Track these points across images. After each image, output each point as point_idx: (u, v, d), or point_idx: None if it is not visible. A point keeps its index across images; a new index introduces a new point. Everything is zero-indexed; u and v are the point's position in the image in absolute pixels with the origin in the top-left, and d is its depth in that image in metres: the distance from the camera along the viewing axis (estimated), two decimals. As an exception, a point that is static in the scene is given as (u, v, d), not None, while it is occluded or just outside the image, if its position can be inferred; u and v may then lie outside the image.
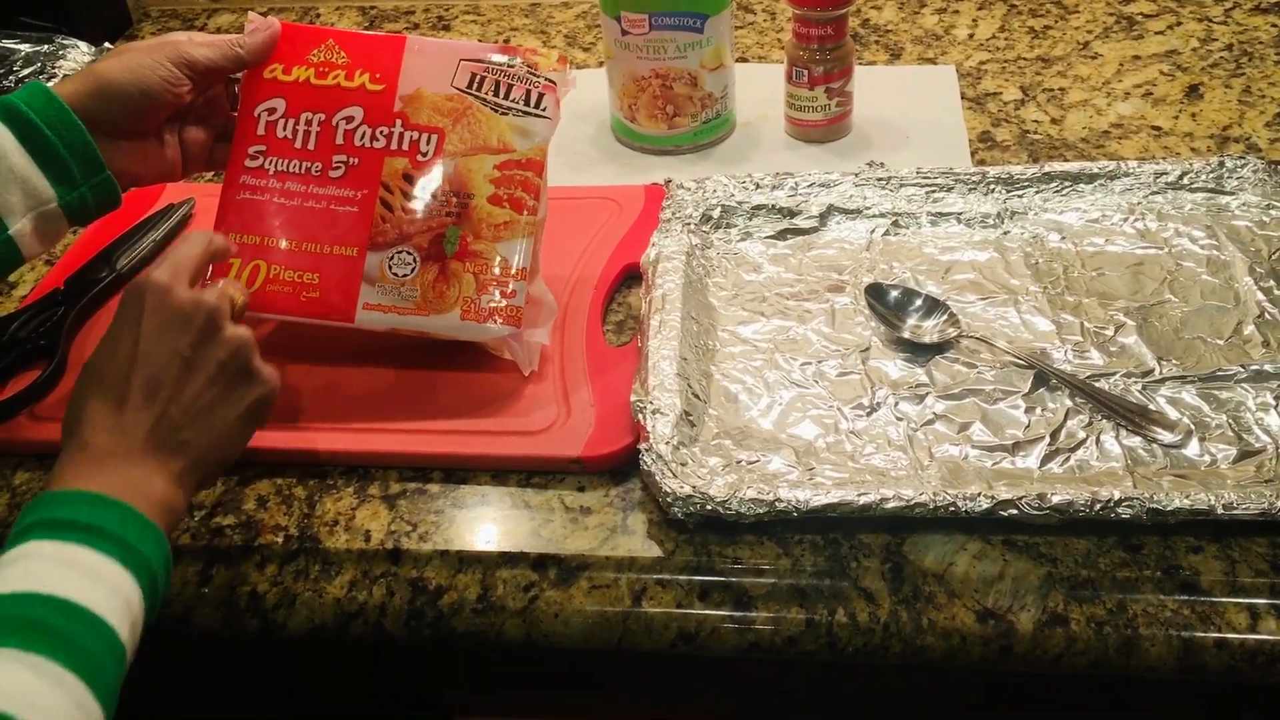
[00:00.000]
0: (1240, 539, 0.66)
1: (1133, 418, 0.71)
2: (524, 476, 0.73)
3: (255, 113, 0.76)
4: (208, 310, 0.63)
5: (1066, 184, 0.88)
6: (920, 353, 0.78)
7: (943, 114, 1.02)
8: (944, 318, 0.79)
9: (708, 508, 0.66)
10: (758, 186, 0.89)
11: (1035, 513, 0.65)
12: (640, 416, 0.71)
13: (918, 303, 0.80)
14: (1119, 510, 0.65)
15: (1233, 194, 0.86)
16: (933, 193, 0.88)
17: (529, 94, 0.76)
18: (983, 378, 0.75)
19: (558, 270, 0.83)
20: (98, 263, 0.88)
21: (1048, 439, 0.71)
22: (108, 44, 1.17)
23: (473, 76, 0.76)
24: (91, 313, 0.86)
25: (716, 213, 0.88)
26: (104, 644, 0.53)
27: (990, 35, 1.12)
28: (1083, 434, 0.71)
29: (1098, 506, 0.65)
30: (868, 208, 0.88)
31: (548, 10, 1.23)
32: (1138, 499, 0.65)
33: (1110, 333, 0.78)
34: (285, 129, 0.75)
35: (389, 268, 0.74)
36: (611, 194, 0.93)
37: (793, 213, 0.88)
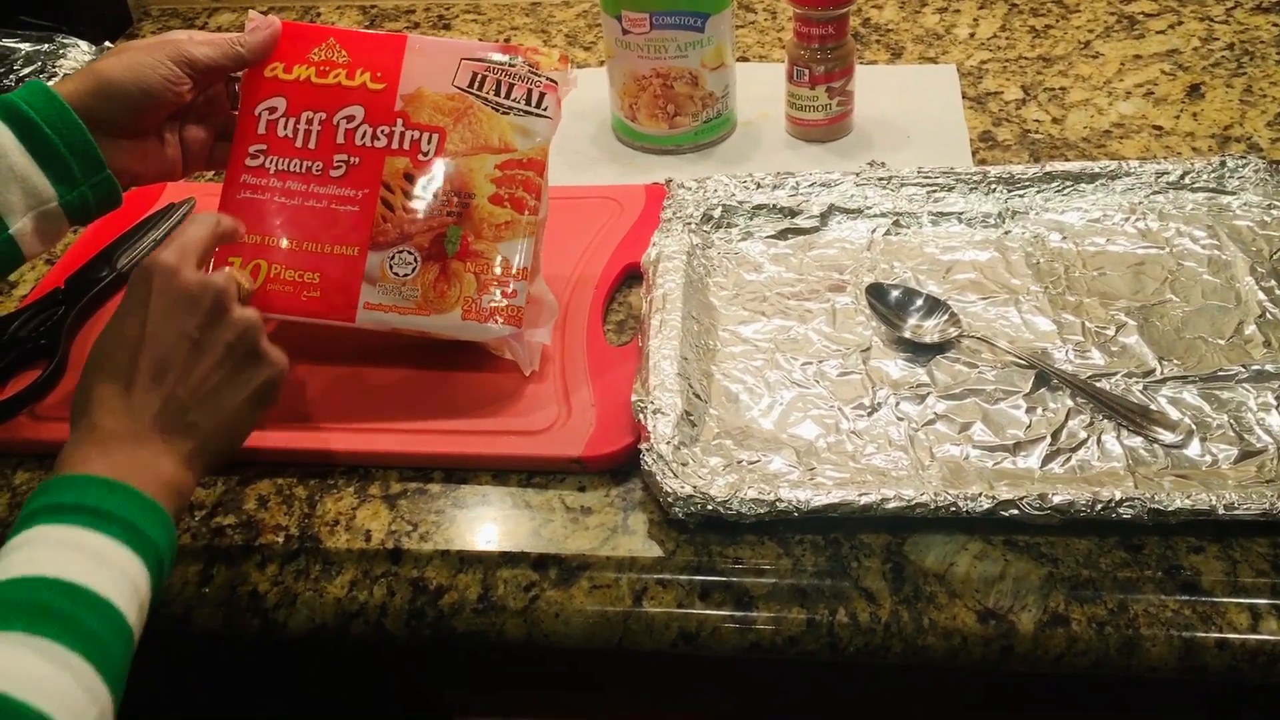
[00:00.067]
0: (1241, 539, 0.66)
1: (1134, 418, 0.71)
2: (525, 476, 0.73)
3: (256, 111, 0.75)
4: (215, 292, 0.63)
5: (1068, 184, 0.88)
6: (921, 352, 0.77)
7: (944, 113, 1.02)
8: (945, 317, 0.79)
9: (708, 508, 0.66)
10: (759, 186, 0.89)
11: (1036, 513, 0.65)
12: (641, 416, 0.71)
13: (919, 302, 0.80)
14: (1120, 510, 0.65)
15: (1234, 194, 0.86)
16: (934, 192, 0.88)
17: (530, 93, 0.75)
18: (984, 378, 0.75)
19: (558, 270, 0.83)
20: (98, 262, 0.88)
21: (1049, 439, 0.71)
22: (108, 43, 1.17)
23: (474, 76, 0.76)
24: (92, 312, 0.85)
25: (717, 212, 0.88)
26: (111, 627, 0.53)
27: (991, 34, 1.12)
28: (1084, 434, 0.71)
29: (1099, 507, 0.65)
30: (869, 207, 0.88)
31: (548, 9, 1.22)
32: (1139, 499, 0.65)
33: (1111, 333, 0.78)
34: (286, 128, 0.75)
35: (390, 267, 0.74)
36: (612, 193, 0.93)
37: (794, 212, 0.88)
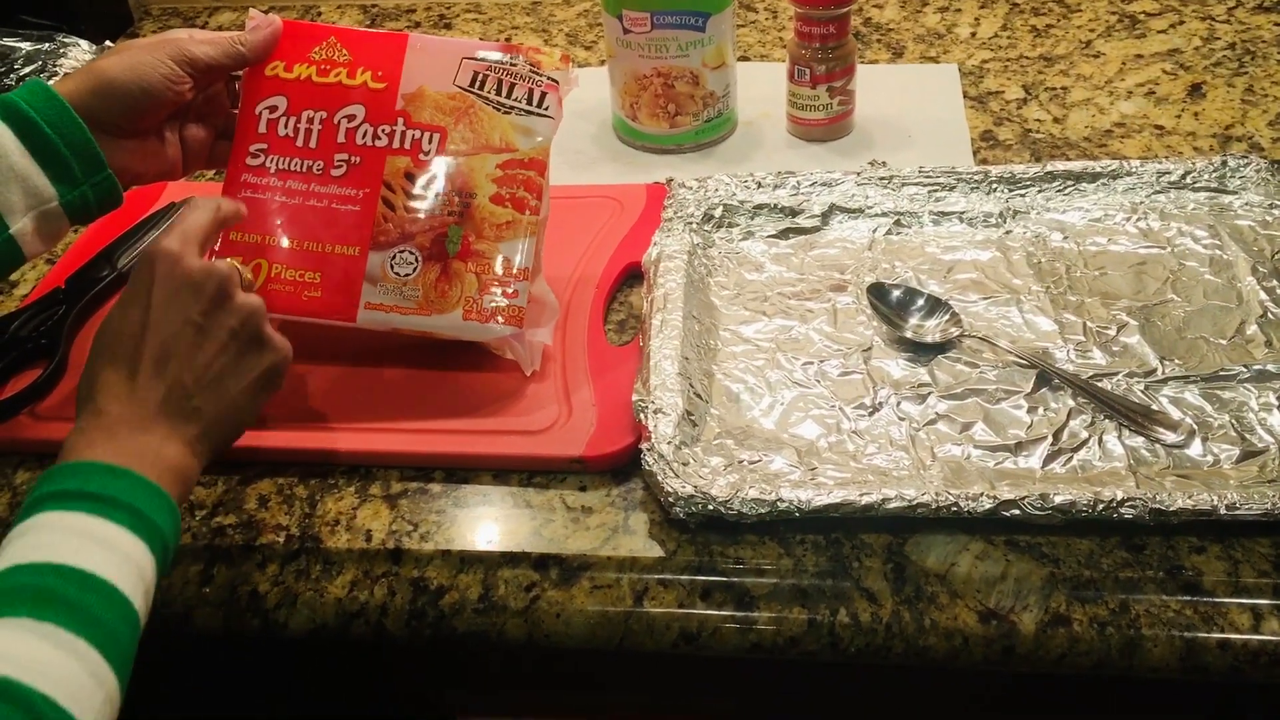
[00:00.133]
0: (1243, 539, 0.66)
1: (1135, 418, 0.71)
2: (525, 476, 0.73)
3: (256, 111, 0.75)
4: (219, 278, 0.64)
5: (1069, 183, 0.87)
6: (922, 352, 0.77)
7: (945, 113, 1.02)
8: (946, 317, 0.79)
9: (709, 508, 0.66)
10: (760, 185, 0.89)
11: (1038, 513, 0.65)
12: (642, 416, 0.71)
13: (920, 302, 0.80)
14: (1121, 510, 0.64)
15: (1235, 193, 0.86)
16: (935, 192, 0.88)
17: (532, 93, 0.75)
18: (985, 377, 0.75)
19: (559, 269, 0.83)
20: (99, 261, 0.88)
21: (1050, 439, 0.71)
22: (109, 42, 1.17)
23: (475, 75, 0.76)
24: (93, 312, 0.85)
25: (718, 212, 0.88)
26: (117, 612, 0.53)
27: (992, 34, 1.12)
28: (1085, 434, 0.71)
29: (1100, 507, 0.65)
30: (870, 207, 0.88)
31: (549, 8, 1.22)
32: (1140, 499, 0.65)
33: (1113, 332, 0.78)
34: (286, 127, 0.75)
35: (391, 267, 0.74)
36: (613, 193, 0.93)
37: (795, 212, 0.88)
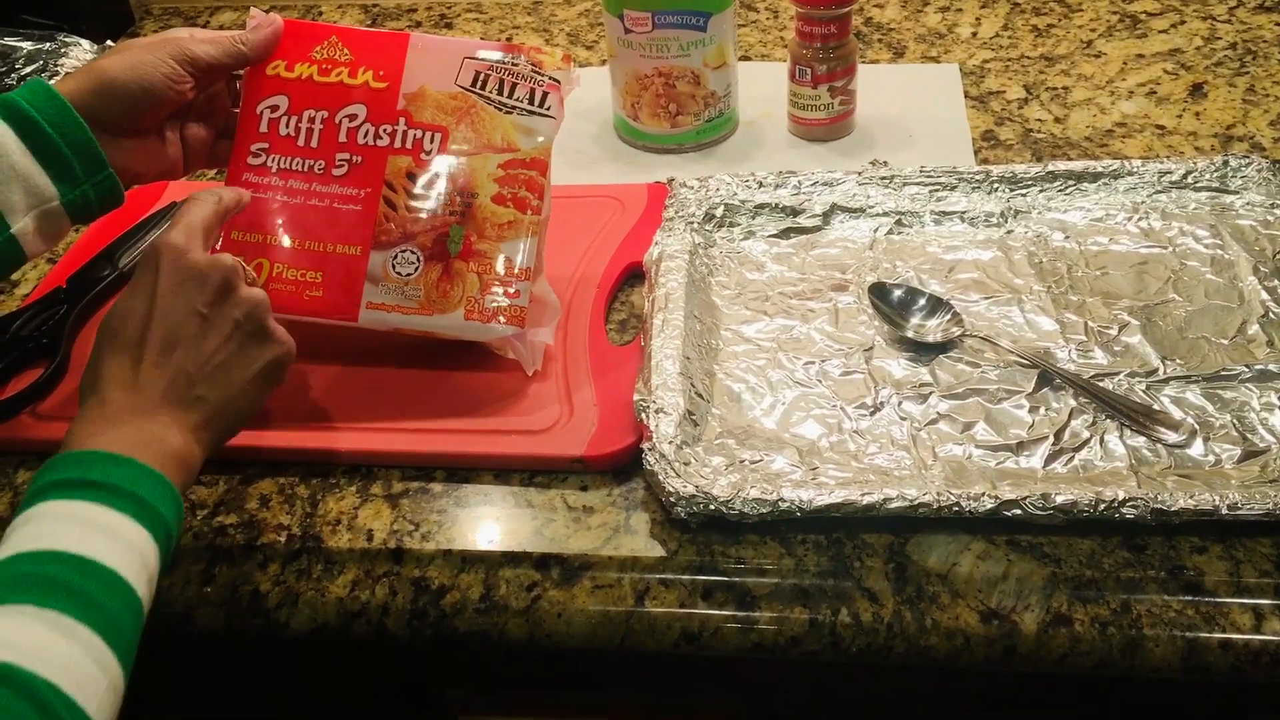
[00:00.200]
0: (1245, 539, 0.66)
1: (1137, 417, 0.71)
2: (527, 476, 0.73)
3: (258, 110, 0.75)
4: (224, 269, 0.64)
5: (1070, 183, 0.87)
6: (924, 352, 0.77)
7: (946, 113, 1.02)
8: (947, 317, 0.79)
9: (711, 507, 0.66)
10: (761, 185, 0.89)
11: (1039, 513, 0.65)
12: (643, 416, 0.71)
13: (921, 302, 0.80)
14: (1123, 510, 0.64)
15: (1237, 193, 0.86)
16: (936, 192, 0.88)
17: (533, 93, 0.75)
18: (986, 377, 0.75)
19: (560, 269, 0.83)
20: (100, 261, 0.88)
21: (1052, 439, 0.71)
22: (109, 41, 1.17)
23: (477, 75, 0.76)
24: (94, 311, 0.85)
25: (719, 211, 0.88)
26: (120, 599, 0.54)
27: (993, 34, 1.12)
28: (1087, 434, 0.71)
29: (1102, 507, 0.65)
30: (871, 206, 0.88)
31: (550, 8, 1.22)
32: (1142, 499, 0.65)
33: (1114, 332, 0.77)
34: (288, 126, 0.75)
35: (392, 267, 0.74)
36: (614, 192, 0.93)
37: (796, 211, 0.88)
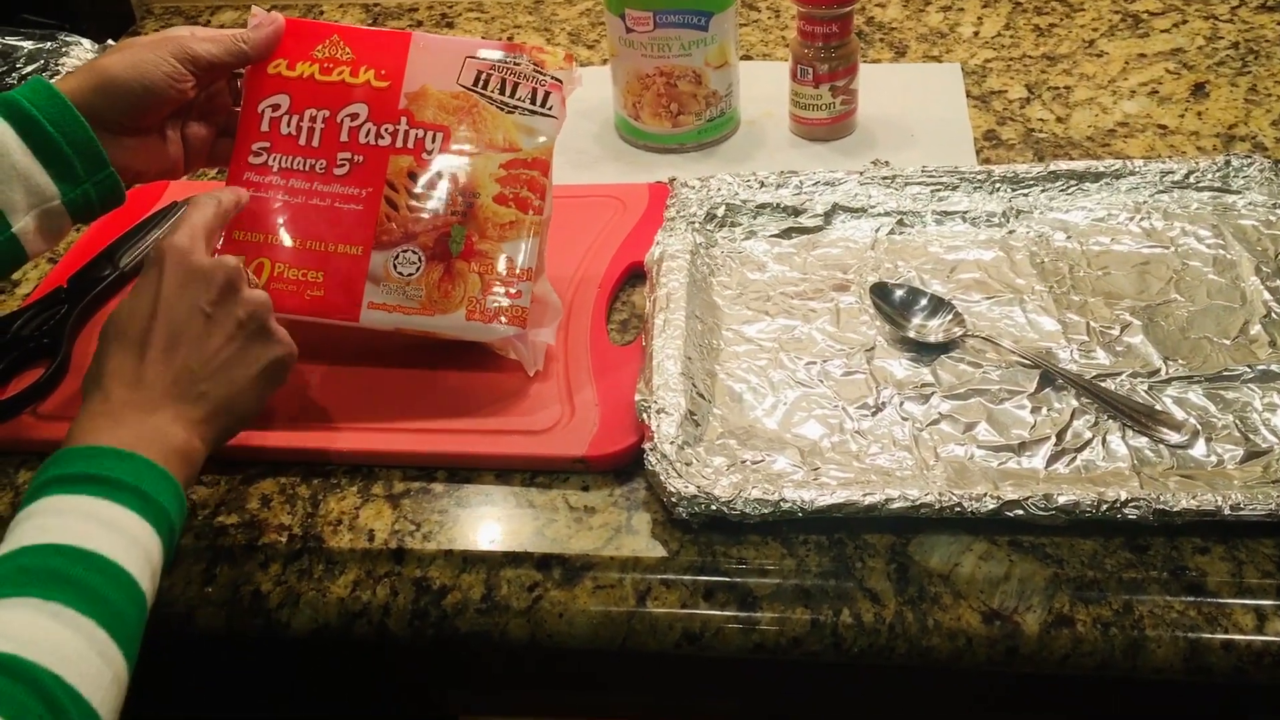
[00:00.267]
0: (1247, 540, 0.66)
1: (1139, 418, 0.71)
2: (528, 476, 0.73)
3: (259, 109, 0.75)
4: (228, 270, 0.65)
5: (1072, 183, 0.87)
6: (925, 352, 0.77)
7: (948, 112, 1.02)
8: (949, 317, 0.79)
9: (712, 508, 0.66)
10: (762, 185, 0.89)
11: (1041, 513, 0.65)
12: (645, 416, 0.71)
13: (923, 302, 0.80)
14: (1125, 511, 0.64)
15: (1239, 193, 0.86)
16: (938, 191, 0.88)
17: (535, 92, 0.75)
18: (988, 377, 0.75)
19: (562, 269, 0.83)
20: (101, 261, 0.88)
21: (1054, 439, 0.71)
22: (111, 41, 1.17)
23: (478, 74, 0.75)
24: (95, 311, 0.85)
25: (721, 211, 0.88)
26: (124, 593, 0.54)
27: (995, 33, 1.12)
28: (1089, 434, 0.71)
29: (1104, 507, 0.64)
30: (872, 206, 0.88)
31: (552, 7, 1.22)
32: (1144, 499, 0.64)
33: (1116, 332, 0.77)
34: (289, 125, 0.75)
35: (394, 267, 0.74)
36: (615, 192, 0.93)
37: (797, 211, 0.88)
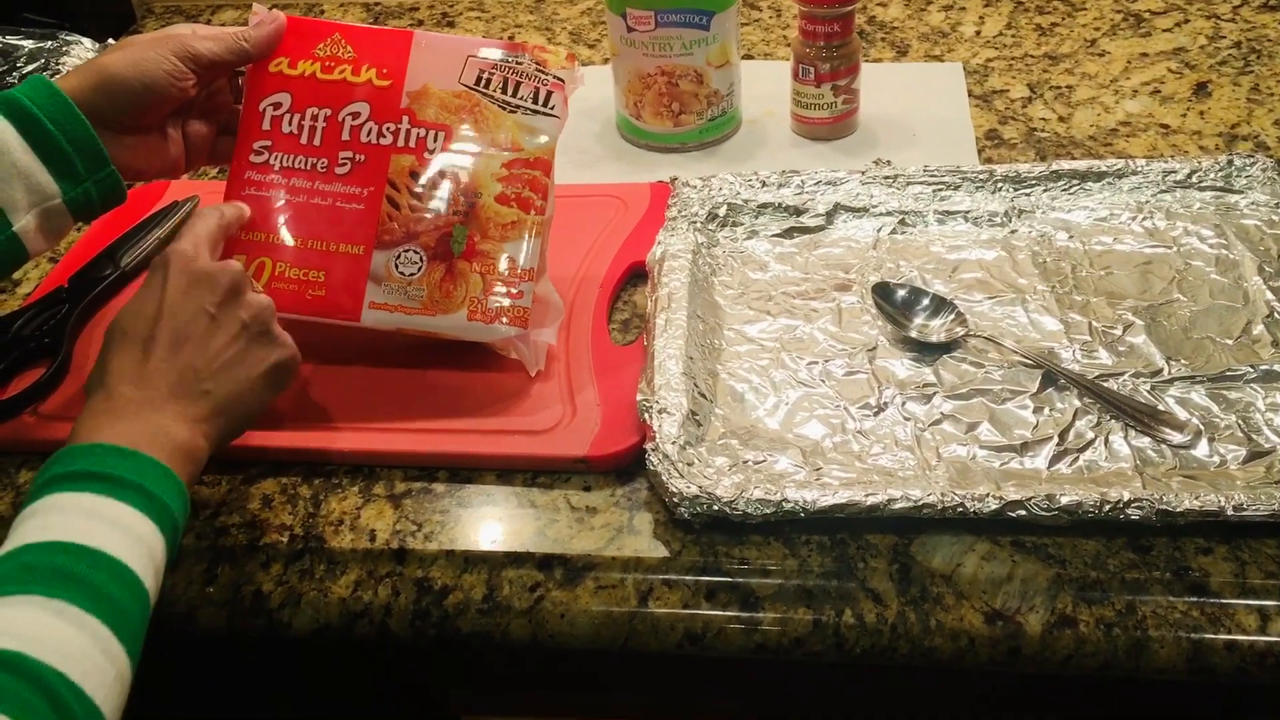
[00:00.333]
0: (1250, 540, 0.65)
1: (1141, 418, 0.71)
2: (529, 476, 0.73)
3: (260, 107, 0.75)
4: (233, 273, 0.66)
5: (1074, 182, 0.87)
6: (927, 352, 0.77)
7: (949, 112, 1.01)
8: (951, 317, 0.79)
9: (714, 508, 0.66)
10: (764, 184, 0.89)
11: (1044, 514, 0.65)
12: (646, 416, 0.70)
13: (925, 302, 0.80)
14: (1128, 511, 0.64)
15: (1241, 192, 0.86)
16: (940, 191, 0.88)
17: (537, 92, 0.75)
18: (990, 377, 0.75)
19: (563, 268, 0.83)
20: (102, 260, 0.87)
21: (1056, 439, 0.71)
22: (111, 40, 1.17)
23: (480, 73, 0.75)
24: (95, 311, 0.85)
25: (722, 211, 0.88)
26: (128, 591, 0.54)
27: (997, 32, 1.12)
28: (1091, 434, 0.71)
29: (1107, 507, 0.64)
30: (874, 206, 0.88)
31: (553, 7, 1.22)
32: (1147, 500, 0.64)
33: (1118, 332, 0.77)
34: (290, 124, 0.75)
35: (395, 267, 0.73)
36: (617, 192, 0.93)
37: (799, 211, 0.88)
